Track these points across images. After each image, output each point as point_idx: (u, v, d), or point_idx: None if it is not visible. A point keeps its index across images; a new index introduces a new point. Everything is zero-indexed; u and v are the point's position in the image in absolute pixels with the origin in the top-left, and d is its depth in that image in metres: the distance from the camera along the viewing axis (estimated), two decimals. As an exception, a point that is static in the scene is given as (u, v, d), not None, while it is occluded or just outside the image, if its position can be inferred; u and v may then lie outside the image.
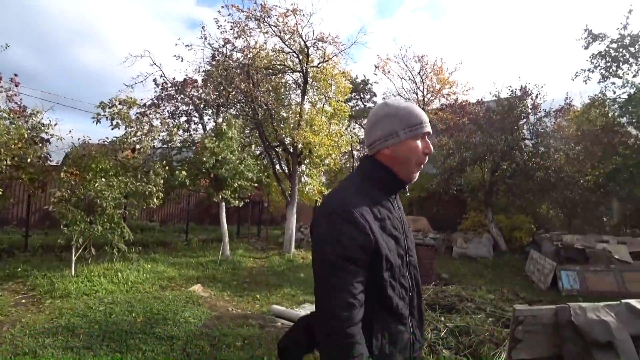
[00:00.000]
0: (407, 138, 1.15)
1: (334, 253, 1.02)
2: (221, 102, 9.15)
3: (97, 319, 4.13)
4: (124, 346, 3.49)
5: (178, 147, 8.58)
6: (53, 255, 6.84)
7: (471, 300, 5.25)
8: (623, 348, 2.36)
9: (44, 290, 4.95)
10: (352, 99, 16.61)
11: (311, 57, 10.08)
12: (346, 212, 1.04)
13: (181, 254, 8.66)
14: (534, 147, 9.45)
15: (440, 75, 14.84)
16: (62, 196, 5.61)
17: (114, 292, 5.19)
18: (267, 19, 9.00)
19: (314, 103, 11.89)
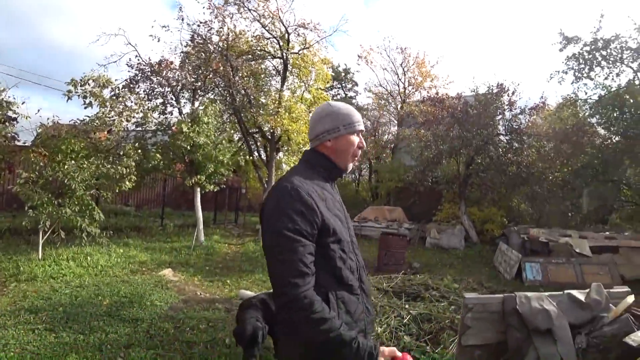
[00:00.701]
0: (346, 133, 1.33)
1: (284, 227, 1.10)
2: (198, 86, 8.96)
3: (62, 301, 4.11)
4: (88, 328, 3.49)
5: (153, 130, 8.41)
6: (20, 239, 6.69)
7: (436, 289, 5.46)
8: (560, 335, 2.53)
9: (9, 274, 4.88)
10: (333, 88, 16.59)
11: (292, 43, 9.97)
12: (294, 190, 1.15)
13: (155, 239, 8.60)
14: (507, 142, 9.74)
15: (422, 68, 14.96)
16: (28, 177, 5.47)
17: (82, 276, 5.15)
18: (247, 3, 8.81)
19: (294, 90, 11.83)
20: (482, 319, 2.84)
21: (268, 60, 11.30)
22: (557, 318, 2.58)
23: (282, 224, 1.11)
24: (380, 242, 7.55)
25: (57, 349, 3.06)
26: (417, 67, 15.11)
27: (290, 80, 11.79)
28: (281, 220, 1.12)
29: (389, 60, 15.64)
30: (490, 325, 2.85)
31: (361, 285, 1.34)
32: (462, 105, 9.96)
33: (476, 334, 2.84)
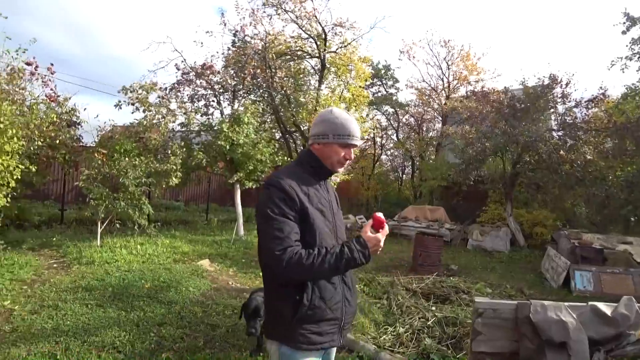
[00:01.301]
0: (334, 142, 1.43)
1: (269, 209, 1.30)
2: (238, 88, 9.44)
3: (112, 283, 4.63)
4: (130, 306, 3.93)
5: (197, 130, 9.03)
6: (84, 228, 7.60)
7: (467, 293, 5.26)
8: (576, 349, 2.34)
9: (72, 258, 5.58)
10: (373, 85, 16.36)
11: (329, 42, 10.06)
12: (277, 182, 1.35)
13: (200, 232, 9.19)
14: (560, 139, 8.93)
15: (467, 61, 14.20)
16: (90, 174, 6.22)
17: (131, 262, 5.72)
18: (284, 5, 9.09)
19: (333, 89, 11.93)
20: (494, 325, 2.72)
21: (306, 60, 11.54)
22: (575, 331, 2.39)
23: (267, 207, 1.30)
24: (416, 241, 7.39)
25: (103, 322, 3.50)
26: (462, 61, 14.37)
27: (330, 79, 11.93)
28: (267, 206, 1.31)
29: (432, 54, 15.13)
30: (502, 332, 2.71)
31: (343, 277, 1.46)
32: (508, 100, 9.32)
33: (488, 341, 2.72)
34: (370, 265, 7.12)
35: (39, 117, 5.34)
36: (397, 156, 18.03)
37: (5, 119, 4.53)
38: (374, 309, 4.40)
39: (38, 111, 5.62)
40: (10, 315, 3.49)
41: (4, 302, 3.72)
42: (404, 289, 5.34)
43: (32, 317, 3.45)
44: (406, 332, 3.86)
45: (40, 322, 3.36)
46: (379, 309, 4.49)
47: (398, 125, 16.58)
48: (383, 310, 4.45)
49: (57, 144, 6.14)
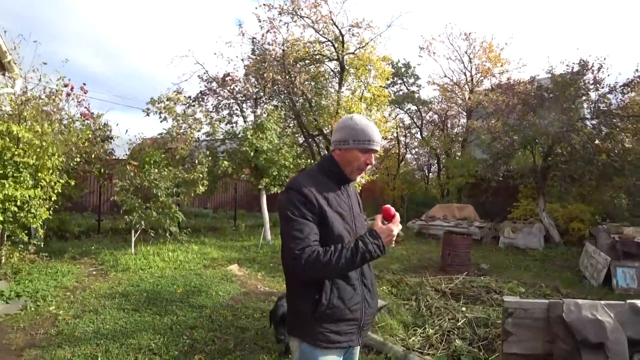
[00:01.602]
0: (354, 148, 1.47)
1: (289, 211, 1.36)
2: (260, 95, 9.64)
3: (147, 288, 4.85)
4: (164, 311, 4.10)
5: (221, 138, 9.29)
6: (120, 237, 8.00)
7: (499, 293, 5.10)
8: (614, 350, 2.23)
9: (109, 265, 5.90)
10: (394, 84, 16.17)
11: (347, 44, 10.08)
12: (296, 186, 1.40)
13: (228, 238, 9.43)
14: (594, 127, 8.44)
15: (490, 52, 13.72)
16: (123, 186, 6.57)
17: (164, 269, 5.97)
18: (299, 11, 9.20)
19: (354, 90, 11.91)
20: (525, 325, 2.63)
21: (325, 64, 11.59)
22: (613, 331, 2.27)
23: (288, 210, 1.36)
24: (444, 241, 7.22)
25: (139, 326, 3.67)
26: (484, 53, 13.88)
27: (350, 80, 11.93)
28: (287, 208, 1.37)
29: (453, 48, 14.70)
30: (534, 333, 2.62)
31: (362, 279, 1.50)
32: (535, 90, 8.92)
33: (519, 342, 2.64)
34: (398, 266, 7.04)
35: (75, 135, 5.70)
36: (422, 154, 17.70)
37: (46, 138, 4.88)
38: (402, 311, 4.34)
39: (74, 129, 6.01)
40: (55, 319, 3.74)
41: (50, 308, 3.99)
42: (433, 289, 5.24)
43: (75, 321, 3.68)
44: (436, 334, 3.78)
45: (82, 326, 3.57)
46: (408, 310, 4.43)
47: (421, 123, 16.29)
48: (412, 312, 4.38)
49: (92, 159, 6.54)
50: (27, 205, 4.66)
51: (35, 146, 4.68)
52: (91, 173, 6.97)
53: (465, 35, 14.27)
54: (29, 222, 4.70)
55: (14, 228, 4.66)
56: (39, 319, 3.74)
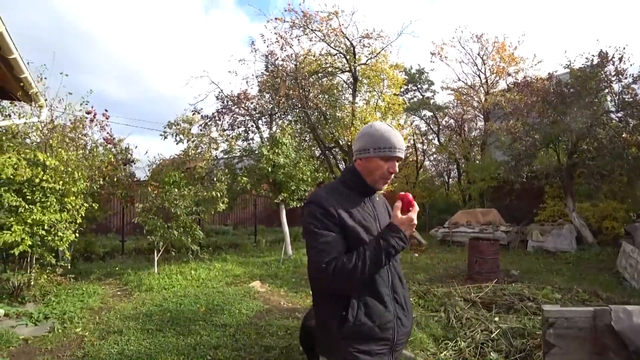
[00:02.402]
0: (375, 156, 1.40)
1: (312, 225, 1.32)
2: (275, 111, 9.76)
3: (170, 308, 4.85)
4: (187, 330, 4.07)
5: (238, 156, 9.40)
6: (143, 257, 8.13)
7: (533, 300, 4.82)
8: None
9: (133, 285, 5.96)
10: (408, 91, 16.08)
11: (358, 55, 10.14)
12: (316, 199, 1.37)
13: (249, 254, 9.42)
14: (621, 120, 8.06)
15: (503, 52, 13.49)
16: (144, 207, 6.69)
17: (187, 287, 5.97)
18: (310, 25, 9.35)
19: (368, 100, 11.92)
20: (569, 336, 2.44)
21: (338, 76, 11.68)
22: (670, 338, 2.07)
23: (311, 224, 1.33)
24: (470, 248, 6.96)
25: (162, 347, 3.64)
26: (497, 53, 13.64)
27: (363, 91, 11.96)
28: (310, 222, 1.33)
29: (465, 51, 14.57)
30: (580, 344, 2.42)
31: (394, 296, 1.42)
32: (554, 86, 8.64)
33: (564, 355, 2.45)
34: (424, 276, 6.82)
35: (98, 159, 5.88)
36: (440, 160, 17.39)
37: (72, 163, 5.05)
38: (431, 323, 4.16)
39: (98, 153, 6.21)
40: (81, 341, 3.76)
41: (76, 329, 4.03)
42: (462, 299, 5.00)
43: (100, 343, 3.69)
44: (468, 347, 3.59)
45: (107, 348, 3.58)
46: (437, 322, 4.23)
47: (438, 128, 16.07)
48: (441, 324, 4.18)
49: (114, 182, 6.72)
50: (54, 229, 4.79)
51: (61, 172, 4.84)
52: (114, 196, 7.16)
53: (477, 37, 14.15)
54: (56, 245, 4.82)
55: (42, 251, 4.79)
56: (66, 340, 3.78)
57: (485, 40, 13.88)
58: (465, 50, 14.56)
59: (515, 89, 10.13)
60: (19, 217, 4.50)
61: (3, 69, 3.90)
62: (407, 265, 8.00)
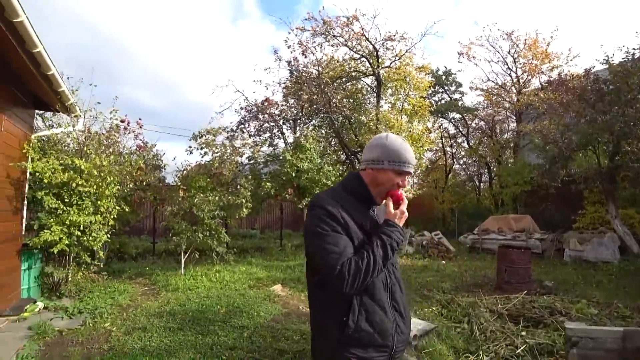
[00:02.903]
0: (389, 169, 1.40)
1: (319, 228, 1.31)
2: (298, 117, 9.89)
3: (192, 308, 5.01)
4: (206, 330, 4.19)
5: (263, 161, 9.60)
6: (172, 258, 8.47)
7: (565, 314, 4.52)
8: None
9: (161, 285, 6.22)
10: (436, 93, 15.69)
11: (382, 58, 10.07)
12: (320, 203, 1.37)
13: (274, 258, 9.53)
14: (669, 118, 7.39)
15: (536, 49, 12.78)
16: (172, 210, 7.00)
17: (210, 289, 6.14)
18: (332, 31, 9.41)
19: (393, 103, 11.78)
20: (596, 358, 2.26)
21: (362, 80, 11.65)
22: None
23: (318, 227, 1.32)
24: (499, 256, 6.64)
25: (182, 345, 3.78)
26: (529, 50, 12.92)
27: (388, 94, 11.84)
28: (317, 225, 1.32)
29: (494, 50, 13.98)
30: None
31: (394, 304, 1.42)
32: (592, 83, 8.08)
33: (587, 376, 2.27)
34: (449, 284, 6.60)
35: (129, 165, 6.25)
36: (470, 164, 16.77)
37: (105, 168, 5.40)
38: (452, 334, 4.01)
39: (130, 159, 6.59)
40: (109, 335, 3.99)
41: (105, 324, 4.28)
42: (488, 310, 4.76)
43: (125, 338, 3.90)
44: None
45: (131, 343, 3.77)
46: (459, 333, 4.07)
47: (467, 131, 15.53)
48: (463, 336, 4.00)
49: (144, 186, 7.10)
50: (89, 230, 5.14)
51: (95, 177, 5.19)
52: (146, 199, 7.56)
53: (507, 35, 13.52)
54: (90, 245, 5.16)
55: (78, 250, 5.14)
56: (95, 334, 4.02)
57: (516, 37, 13.25)
58: (495, 48, 13.99)
59: (549, 87, 9.59)
60: (57, 218, 4.87)
61: (43, 84, 4.27)
62: (433, 272, 7.77)
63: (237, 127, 9.27)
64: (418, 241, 11.12)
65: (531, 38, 12.98)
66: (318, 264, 1.32)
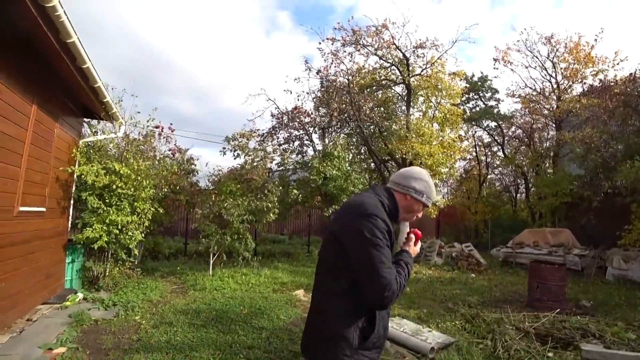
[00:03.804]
0: (422, 201, 1.59)
1: (378, 238, 1.35)
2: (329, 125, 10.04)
3: (217, 307, 5.23)
4: (227, 329, 4.37)
5: (292, 168, 9.81)
6: (202, 259, 8.84)
7: (599, 337, 4.21)
8: None
9: (189, 284, 6.54)
10: (470, 100, 15.22)
11: (412, 66, 10.01)
12: (377, 214, 1.40)
13: (301, 264, 9.64)
14: None
15: (578, 52, 12.03)
16: (202, 213, 7.36)
17: (236, 290, 6.36)
18: (361, 40, 9.50)
19: (424, 112, 11.61)
20: None
21: (392, 88, 11.60)
22: None
23: (377, 238, 1.35)
24: (530, 271, 6.35)
25: (203, 341, 3.97)
26: (570, 54, 12.18)
27: (419, 102, 11.70)
28: (376, 235, 1.35)
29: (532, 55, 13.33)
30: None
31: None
32: (638, 89, 7.52)
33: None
34: (477, 299, 6.38)
35: (164, 169, 6.67)
36: (506, 174, 16.03)
37: (141, 172, 5.82)
38: (473, 350, 3.87)
39: (165, 164, 7.03)
40: (138, 327, 4.28)
41: (136, 317, 4.59)
42: (514, 327, 4.53)
43: (152, 331, 4.16)
44: (515, 383, 3.29)
45: (157, 336, 4.01)
46: (481, 350, 3.93)
47: (503, 139, 14.89)
48: (485, 353, 3.86)
49: (177, 189, 7.53)
50: (126, 229, 5.54)
51: (133, 180, 5.61)
52: (179, 202, 8.00)
53: (546, 39, 12.88)
54: (127, 243, 5.56)
55: (116, 247, 5.56)
56: (126, 325, 4.33)
57: (556, 41, 12.55)
58: (533, 53, 13.36)
59: (591, 94, 9.02)
60: (99, 217, 5.32)
61: (90, 95, 4.73)
62: (460, 285, 7.54)
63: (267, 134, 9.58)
64: (447, 252, 10.80)
65: (572, 41, 12.28)
66: (365, 274, 1.34)
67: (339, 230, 1.44)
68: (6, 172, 3.60)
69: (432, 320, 5.09)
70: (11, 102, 3.55)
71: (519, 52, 13.75)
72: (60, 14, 3.12)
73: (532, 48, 13.52)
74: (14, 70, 3.56)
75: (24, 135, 3.89)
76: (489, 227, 13.50)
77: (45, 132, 4.44)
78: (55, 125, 4.70)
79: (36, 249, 4.40)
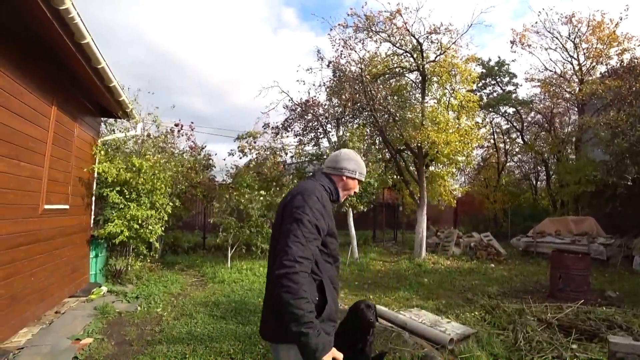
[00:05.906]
0: (357, 178, 1.79)
1: (308, 217, 1.42)
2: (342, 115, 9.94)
3: (235, 299, 5.33)
4: (246, 320, 4.45)
5: (308, 160, 9.81)
6: (220, 252, 9.01)
7: (626, 329, 4.07)
8: None
9: (209, 277, 6.68)
10: (487, 85, 14.74)
11: (426, 52, 9.73)
12: (320, 196, 1.54)
13: (317, 255, 9.71)
14: None
15: (601, 32, 11.35)
16: (220, 207, 7.47)
17: (254, 282, 6.46)
18: (374, 27, 9.29)
19: (439, 99, 11.31)
20: None
21: (406, 75, 11.33)
22: None
23: (306, 215, 1.42)
24: (552, 261, 6.18)
25: (223, 332, 4.06)
26: (593, 34, 11.51)
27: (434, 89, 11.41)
28: (306, 213, 1.43)
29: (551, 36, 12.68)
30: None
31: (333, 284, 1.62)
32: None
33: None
34: (497, 289, 6.29)
35: (181, 164, 6.79)
36: (525, 161, 15.55)
37: (159, 167, 5.94)
38: (494, 341, 3.79)
39: (183, 159, 7.16)
40: (160, 319, 4.42)
41: (157, 309, 4.73)
42: (536, 319, 4.42)
43: (174, 322, 4.28)
44: (537, 375, 3.21)
45: (179, 327, 4.13)
46: (502, 341, 3.84)
47: (522, 125, 14.39)
48: (506, 344, 3.78)
49: (195, 184, 7.67)
50: (146, 223, 5.68)
51: (151, 175, 5.72)
52: (196, 196, 8.16)
53: (566, 19, 12.24)
54: (147, 237, 5.71)
55: (137, 242, 5.72)
56: (149, 317, 4.47)
57: (577, 20, 11.87)
58: (553, 34, 12.73)
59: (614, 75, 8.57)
60: (120, 212, 5.47)
61: (106, 94, 4.84)
62: (479, 276, 7.43)
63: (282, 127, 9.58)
64: (466, 242, 10.64)
65: (595, 20, 11.62)
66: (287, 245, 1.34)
67: (282, 210, 1.56)
68: (30, 172, 3.73)
69: (451, 311, 5.04)
70: (32, 104, 3.66)
71: (537, 34, 13.18)
72: (73, 15, 3.18)
73: (551, 29, 12.89)
74: (34, 74, 3.66)
75: (46, 135, 4.01)
76: (509, 216, 13.21)
77: (66, 132, 4.56)
78: (74, 125, 4.83)
79: (61, 245, 4.57)
